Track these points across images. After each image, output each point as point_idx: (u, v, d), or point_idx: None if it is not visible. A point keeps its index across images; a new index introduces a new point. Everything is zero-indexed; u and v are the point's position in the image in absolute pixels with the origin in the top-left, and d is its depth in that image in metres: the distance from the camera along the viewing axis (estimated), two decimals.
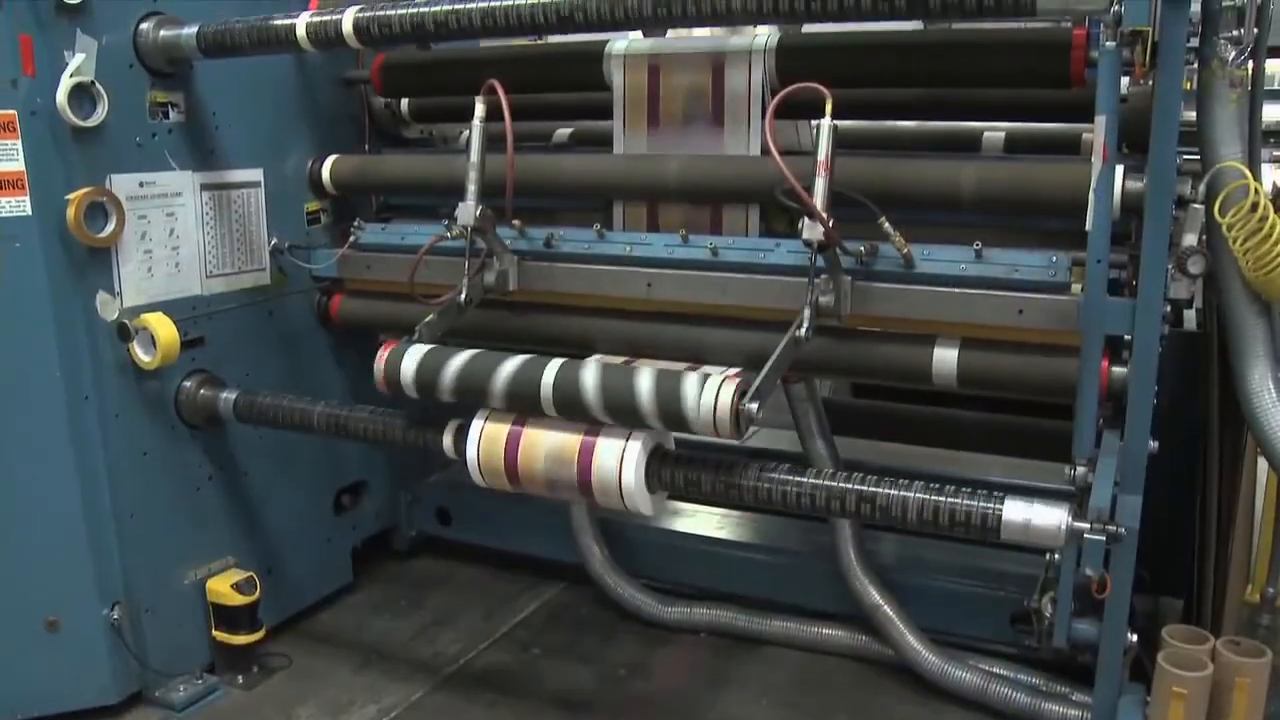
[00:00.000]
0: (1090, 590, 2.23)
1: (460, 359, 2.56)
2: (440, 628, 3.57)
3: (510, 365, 2.50)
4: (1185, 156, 2.33)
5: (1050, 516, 2.16)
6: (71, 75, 2.71)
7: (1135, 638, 2.41)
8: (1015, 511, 2.17)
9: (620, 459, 2.40)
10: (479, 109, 2.77)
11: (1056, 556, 2.38)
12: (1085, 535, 2.13)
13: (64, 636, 2.92)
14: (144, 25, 2.90)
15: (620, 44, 2.99)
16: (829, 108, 2.38)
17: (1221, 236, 2.30)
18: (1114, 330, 2.36)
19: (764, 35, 2.81)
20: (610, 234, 2.94)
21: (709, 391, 2.26)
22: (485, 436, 2.55)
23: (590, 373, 2.41)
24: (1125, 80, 2.42)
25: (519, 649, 3.43)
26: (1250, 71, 2.31)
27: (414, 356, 2.60)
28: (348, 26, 2.75)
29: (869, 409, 3.79)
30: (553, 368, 2.45)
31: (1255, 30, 2.28)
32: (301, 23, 2.81)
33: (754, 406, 2.24)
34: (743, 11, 2.33)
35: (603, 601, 3.60)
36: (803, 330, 2.45)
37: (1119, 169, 2.32)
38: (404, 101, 3.68)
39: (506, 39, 2.97)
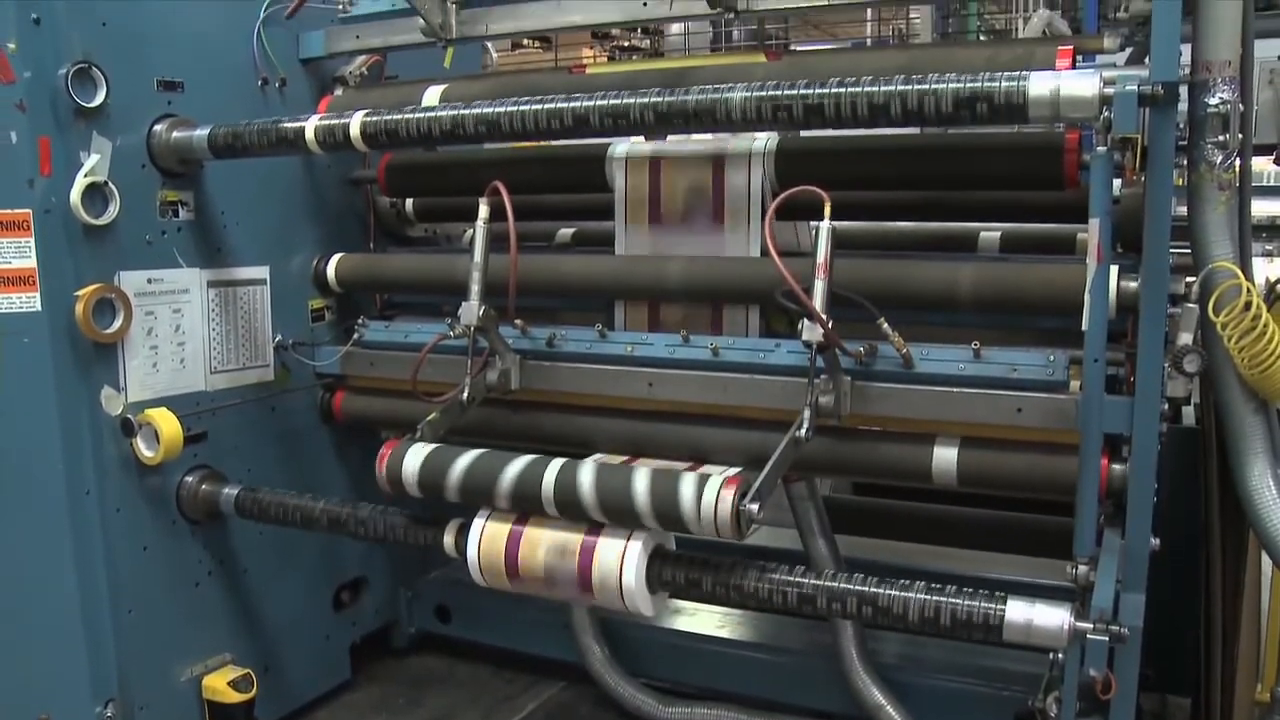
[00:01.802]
0: (1095, 690, 2.21)
1: (463, 459, 2.57)
2: None
3: (512, 466, 2.50)
4: (1177, 250, 2.36)
5: (1052, 617, 2.15)
6: (86, 175, 2.76)
7: None
8: (1017, 612, 2.17)
9: (621, 560, 2.39)
10: (482, 210, 2.81)
11: (1060, 655, 2.36)
12: (1088, 635, 2.12)
13: None
14: (158, 127, 2.97)
15: (622, 147, 3.05)
16: (828, 210, 2.42)
17: (1216, 335, 2.32)
18: (1112, 428, 2.36)
19: (763, 139, 2.87)
20: (612, 334, 2.97)
21: (709, 493, 2.26)
22: (486, 536, 2.54)
23: (589, 474, 2.42)
24: (1117, 182, 2.48)
25: None
26: (1237, 170, 2.36)
27: (416, 456, 2.61)
28: (355, 130, 2.81)
29: (870, 507, 3.78)
30: (553, 469, 2.45)
31: (1240, 135, 2.34)
32: (310, 126, 2.87)
33: (754, 507, 2.24)
34: (742, 119, 2.39)
35: (603, 701, 3.55)
36: (803, 431, 2.46)
37: (1114, 269, 2.35)
38: (409, 201, 3.73)
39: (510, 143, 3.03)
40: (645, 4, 2.92)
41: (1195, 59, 2.34)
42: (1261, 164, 6.85)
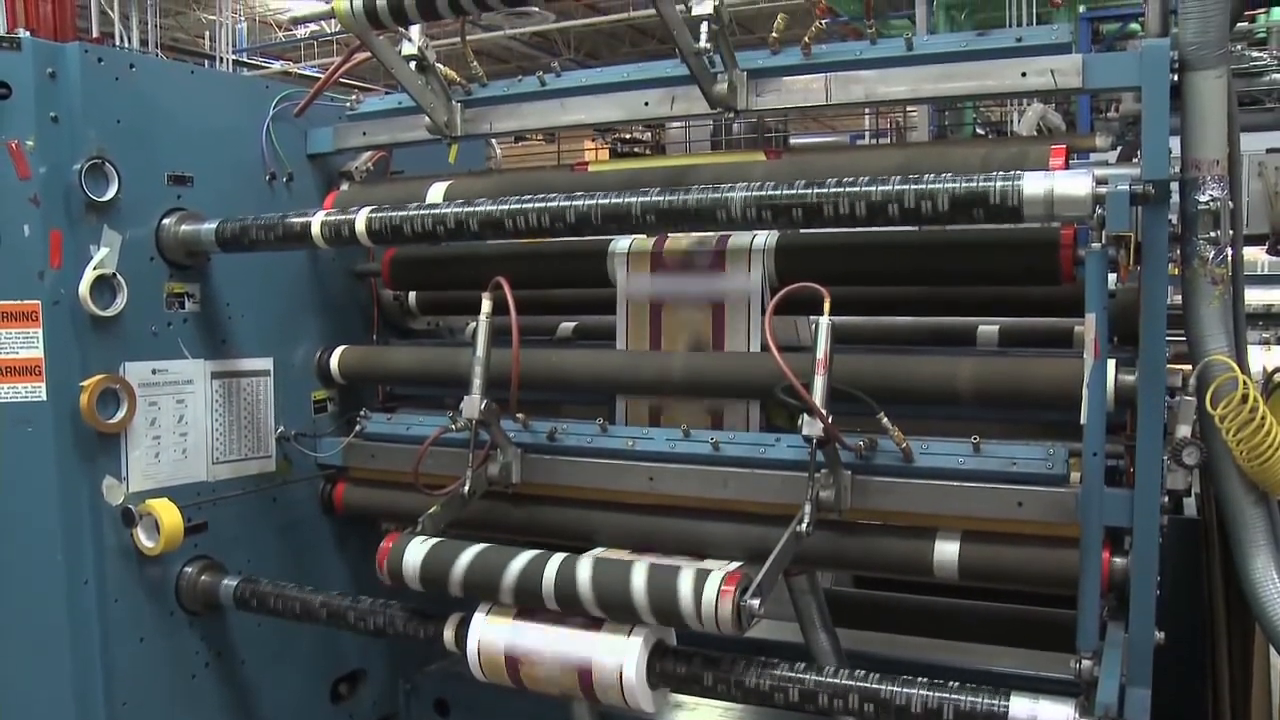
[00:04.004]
0: None
1: (463, 554, 2.56)
2: None
3: (513, 562, 2.50)
4: (1173, 338, 2.39)
5: (1057, 714, 2.14)
6: (95, 268, 2.80)
7: None
8: (1021, 709, 2.15)
9: (622, 656, 2.38)
10: (485, 304, 2.84)
11: None
12: None
13: None
14: (166, 220, 3.02)
15: (623, 243, 3.08)
16: (827, 305, 2.44)
17: (1214, 427, 2.34)
18: (1113, 521, 2.37)
19: (763, 235, 2.90)
20: (613, 428, 2.96)
21: (710, 589, 2.26)
22: (486, 631, 2.53)
23: (589, 570, 2.42)
24: (1113, 276, 2.51)
25: None
26: (1230, 262, 2.39)
27: (417, 550, 2.61)
28: (360, 226, 2.85)
29: (871, 600, 3.76)
30: (554, 564, 2.45)
31: (1231, 231, 2.38)
32: (316, 221, 2.91)
33: (755, 603, 2.24)
34: (742, 219, 2.43)
35: None
36: (804, 525, 2.46)
37: (1111, 363, 2.37)
38: (412, 294, 3.76)
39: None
40: (647, 103, 2.99)
41: (1184, 156, 2.39)
42: (1254, 253, 6.94)
